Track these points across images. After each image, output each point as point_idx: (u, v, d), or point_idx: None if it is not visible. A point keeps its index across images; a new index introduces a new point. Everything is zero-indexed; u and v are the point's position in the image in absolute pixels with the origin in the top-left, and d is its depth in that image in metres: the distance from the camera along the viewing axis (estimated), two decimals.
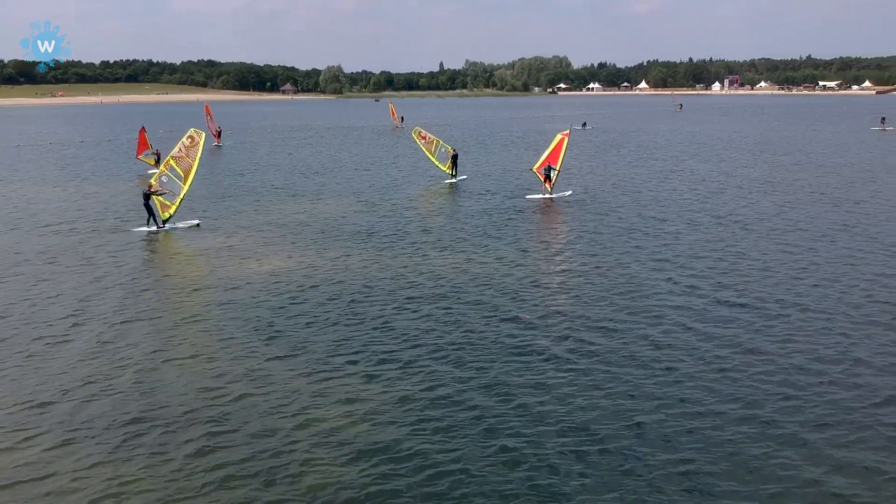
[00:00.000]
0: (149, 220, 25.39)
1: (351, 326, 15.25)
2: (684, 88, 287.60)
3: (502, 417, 11.09)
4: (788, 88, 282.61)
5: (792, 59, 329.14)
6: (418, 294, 17.50)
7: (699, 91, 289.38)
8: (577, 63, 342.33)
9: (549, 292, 17.65)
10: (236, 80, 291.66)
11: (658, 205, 29.74)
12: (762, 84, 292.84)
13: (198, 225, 26.01)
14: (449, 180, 37.68)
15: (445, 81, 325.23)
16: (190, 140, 25.95)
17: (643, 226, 25.34)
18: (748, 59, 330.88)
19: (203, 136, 26.59)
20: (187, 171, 25.55)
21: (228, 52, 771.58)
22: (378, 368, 13.01)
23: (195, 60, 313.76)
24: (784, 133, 72.25)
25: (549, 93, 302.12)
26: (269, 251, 22.18)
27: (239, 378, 12.67)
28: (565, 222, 26.95)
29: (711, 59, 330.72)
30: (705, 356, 13.37)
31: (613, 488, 9.20)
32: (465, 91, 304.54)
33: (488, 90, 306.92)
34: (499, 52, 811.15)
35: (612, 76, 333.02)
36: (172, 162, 25.72)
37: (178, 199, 25.51)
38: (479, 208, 29.62)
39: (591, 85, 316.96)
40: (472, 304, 16.66)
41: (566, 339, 14.30)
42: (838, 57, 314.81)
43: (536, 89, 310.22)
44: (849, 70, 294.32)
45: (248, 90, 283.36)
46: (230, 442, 10.47)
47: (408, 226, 26.10)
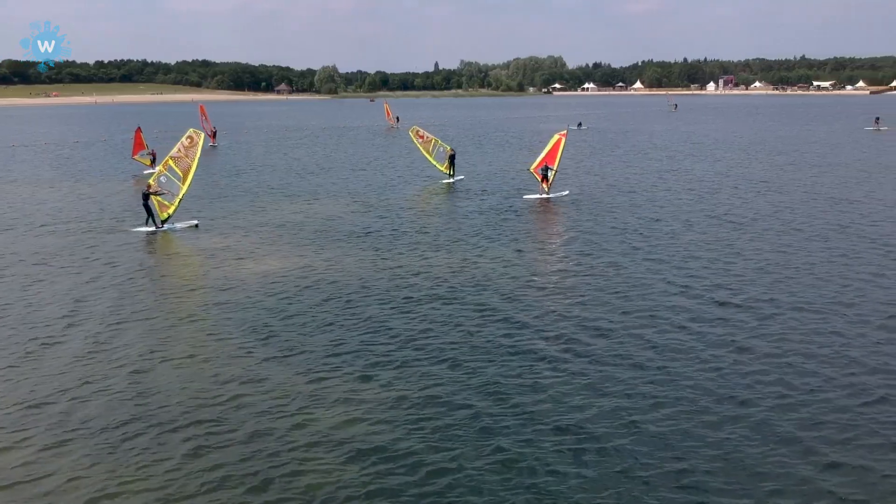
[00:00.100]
0: (147, 220, 25.42)
1: (348, 327, 15.30)
2: (679, 88, 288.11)
3: (498, 417, 11.14)
4: (783, 88, 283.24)
5: (786, 60, 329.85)
6: (415, 294, 17.55)
7: (694, 91, 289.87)
8: (572, 63, 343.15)
9: (545, 293, 17.72)
10: (231, 80, 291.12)
11: (654, 205, 29.85)
12: (757, 84, 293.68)
13: (196, 225, 26.02)
14: (447, 180, 37.75)
15: (440, 81, 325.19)
16: (189, 140, 25.99)
17: (639, 226, 25.44)
18: (743, 60, 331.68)
19: (202, 136, 26.64)
20: (186, 172, 25.57)
21: (223, 52, 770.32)
22: (374, 369, 13.06)
23: (190, 60, 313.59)
24: (779, 133, 72.48)
25: (545, 93, 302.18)
26: (265, 251, 22.21)
27: (236, 378, 12.71)
28: (562, 222, 27.03)
29: (706, 59, 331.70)
30: (700, 356, 13.45)
31: (609, 488, 9.26)
32: (460, 91, 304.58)
33: (483, 90, 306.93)
34: (494, 53, 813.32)
35: (606, 76, 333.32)
36: (171, 162, 25.74)
37: (177, 200, 25.53)
38: (475, 208, 29.68)
39: (586, 85, 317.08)
40: (468, 304, 16.72)
41: (562, 340, 14.38)
42: (832, 57, 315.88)
43: (531, 89, 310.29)
44: (843, 70, 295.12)
45: (243, 90, 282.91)
46: (227, 442, 10.51)
47: (405, 226, 26.14)
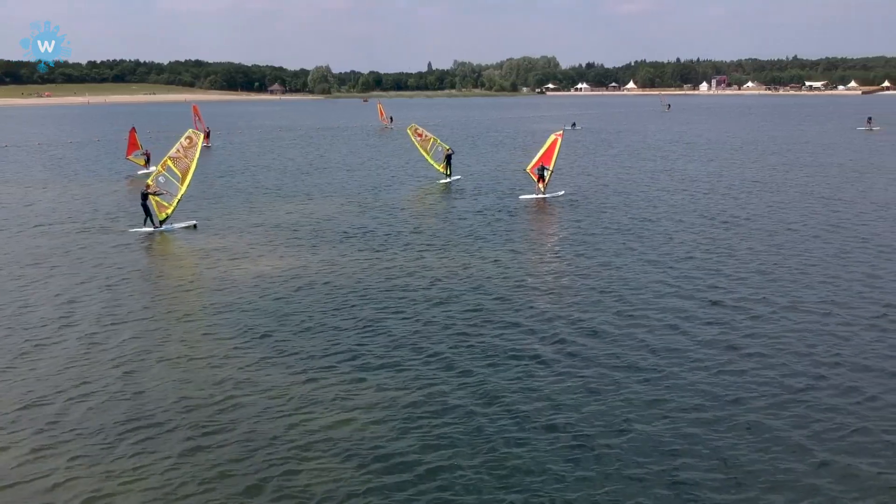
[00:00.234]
0: (146, 220, 25.38)
1: (343, 327, 15.32)
2: (672, 88, 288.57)
3: (492, 417, 11.16)
4: (775, 88, 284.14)
5: (778, 60, 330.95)
6: (410, 295, 17.56)
7: (687, 91, 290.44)
8: (566, 63, 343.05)
9: (540, 293, 17.76)
10: (224, 80, 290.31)
11: (649, 205, 29.95)
12: (749, 84, 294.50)
13: (194, 226, 26.01)
14: (443, 180, 37.80)
15: (434, 82, 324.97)
16: (188, 141, 25.99)
17: (634, 226, 25.53)
18: (735, 60, 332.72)
19: (201, 136, 26.63)
20: (185, 172, 25.57)
21: (216, 52, 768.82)
22: (370, 369, 13.07)
23: (183, 60, 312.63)
24: (772, 133, 72.76)
25: (538, 93, 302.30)
26: (261, 252, 22.21)
27: (232, 378, 12.73)
28: (558, 222, 27.10)
29: (699, 59, 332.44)
30: (694, 356, 13.49)
31: (603, 487, 9.28)
32: (453, 91, 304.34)
33: (477, 90, 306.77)
34: (487, 53, 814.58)
35: (600, 76, 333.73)
36: (170, 162, 25.73)
37: (176, 200, 25.53)
38: (472, 208, 29.72)
39: (580, 85, 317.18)
40: (463, 305, 16.74)
41: (557, 340, 14.41)
42: (824, 57, 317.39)
43: (525, 89, 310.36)
44: (835, 70, 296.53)
45: (236, 90, 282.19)
46: (223, 442, 10.54)
47: (401, 226, 26.16)
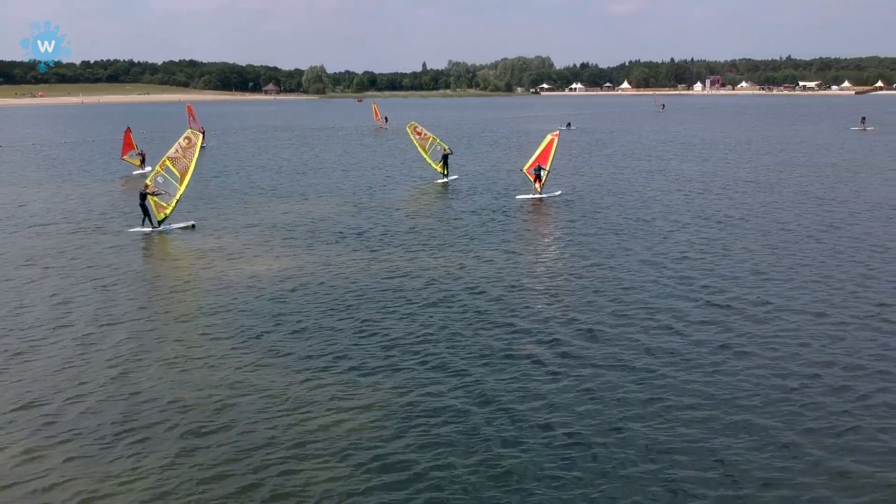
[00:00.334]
0: (144, 220, 25.38)
1: (339, 328, 15.32)
2: (666, 88, 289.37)
3: (488, 418, 11.17)
4: (769, 88, 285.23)
5: (772, 60, 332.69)
6: (406, 296, 17.57)
7: (681, 91, 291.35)
8: (560, 63, 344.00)
9: (537, 294, 17.79)
10: (218, 81, 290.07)
11: (644, 205, 30.04)
12: (743, 84, 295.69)
13: (193, 226, 26.02)
14: (441, 180, 37.87)
15: (428, 82, 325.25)
16: (187, 141, 26.01)
17: (630, 226, 25.60)
18: (729, 60, 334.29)
19: (200, 137, 26.65)
20: (184, 172, 25.58)
21: (210, 52, 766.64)
22: (365, 369, 13.07)
23: (177, 60, 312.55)
24: (766, 133, 73.00)
25: (532, 93, 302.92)
26: (257, 252, 22.23)
27: (228, 378, 12.75)
28: (554, 223, 27.18)
29: (693, 59, 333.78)
30: (689, 357, 13.53)
31: (598, 488, 9.29)
32: (448, 91, 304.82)
33: (471, 90, 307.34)
34: (482, 53, 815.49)
35: (594, 76, 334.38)
36: (169, 163, 25.74)
37: (174, 200, 25.55)
38: (467, 208, 29.77)
39: (574, 85, 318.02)
40: (460, 305, 16.76)
41: (552, 341, 14.41)
42: (818, 58, 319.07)
43: (519, 89, 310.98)
44: (828, 70, 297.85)
45: (231, 90, 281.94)
46: (220, 442, 10.56)
47: (396, 227, 26.18)
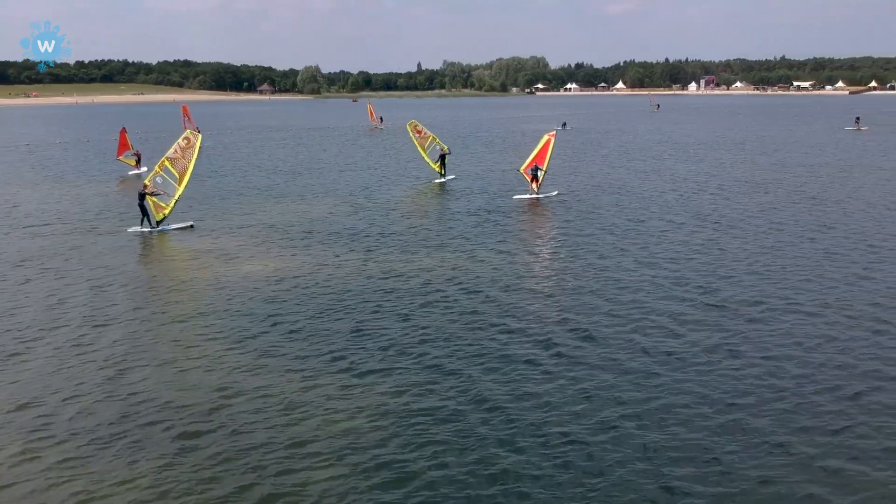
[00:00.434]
0: (142, 220, 25.36)
1: (336, 329, 15.29)
2: (661, 88, 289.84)
3: (484, 419, 11.19)
4: (763, 88, 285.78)
5: (767, 60, 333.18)
6: (403, 296, 17.58)
7: (676, 91, 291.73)
8: (555, 63, 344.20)
9: (533, 295, 17.79)
10: (213, 81, 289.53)
11: (640, 205, 30.11)
12: (738, 84, 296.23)
13: (191, 226, 26.03)
14: (438, 180, 37.92)
15: (423, 82, 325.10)
16: (186, 142, 26.03)
17: (626, 226, 25.65)
18: (724, 60, 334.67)
19: (199, 137, 26.66)
20: (183, 173, 25.59)
21: (205, 51, 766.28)
22: (362, 371, 13.06)
23: (171, 60, 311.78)
24: (761, 133, 73.19)
25: (527, 93, 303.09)
26: (254, 253, 22.23)
27: (225, 379, 12.76)
28: (551, 223, 27.22)
29: (687, 59, 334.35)
30: (685, 357, 13.56)
31: (594, 489, 9.32)
32: (443, 91, 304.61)
33: (466, 90, 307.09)
34: (477, 53, 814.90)
35: (589, 76, 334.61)
36: (167, 163, 25.74)
37: (173, 200, 25.57)
38: (464, 208, 29.81)
39: (569, 85, 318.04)
40: (456, 306, 16.76)
41: (549, 342, 14.42)
42: (812, 58, 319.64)
43: (514, 90, 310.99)
44: (822, 70, 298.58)
45: (225, 90, 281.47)
46: (216, 442, 10.57)
47: (393, 227, 26.19)
